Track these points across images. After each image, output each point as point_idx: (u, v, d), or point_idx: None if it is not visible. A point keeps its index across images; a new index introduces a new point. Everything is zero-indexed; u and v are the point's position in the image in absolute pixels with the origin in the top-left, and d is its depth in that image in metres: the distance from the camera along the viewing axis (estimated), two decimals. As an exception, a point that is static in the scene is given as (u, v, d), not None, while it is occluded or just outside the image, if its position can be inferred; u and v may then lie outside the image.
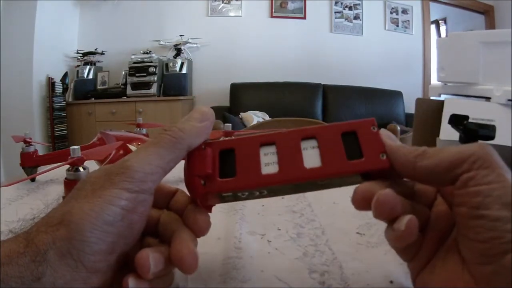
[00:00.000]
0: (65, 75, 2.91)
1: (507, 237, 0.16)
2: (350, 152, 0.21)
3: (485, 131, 0.35)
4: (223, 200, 0.23)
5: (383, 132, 0.21)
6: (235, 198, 0.23)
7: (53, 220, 0.18)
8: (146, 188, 0.20)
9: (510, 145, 0.40)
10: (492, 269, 0.16)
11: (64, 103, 2.86)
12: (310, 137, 0.21)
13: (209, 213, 0.23)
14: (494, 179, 0.17)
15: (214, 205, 0.24)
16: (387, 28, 3.37)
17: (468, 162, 0.18)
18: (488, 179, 0.17)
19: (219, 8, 3.24)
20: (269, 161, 0.21)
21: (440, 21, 4.15)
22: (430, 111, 0.51)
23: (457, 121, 0.37)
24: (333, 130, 0.21)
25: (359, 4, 3.34)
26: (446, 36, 0.57)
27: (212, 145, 0.22)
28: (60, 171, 0.38)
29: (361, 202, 0.20)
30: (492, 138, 0.35)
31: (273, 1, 3.27)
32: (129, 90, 2.94)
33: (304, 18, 3.30)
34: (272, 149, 0.21)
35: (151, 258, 0.19)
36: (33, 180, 0.50)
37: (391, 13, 3.37)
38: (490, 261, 0.17)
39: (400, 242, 0.19)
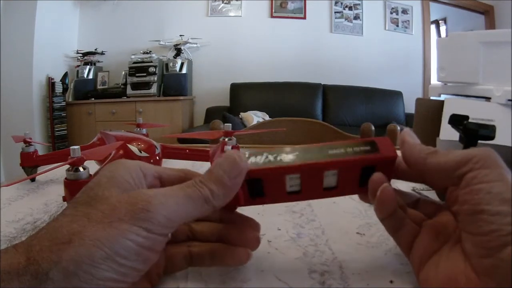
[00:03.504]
0: (65, 75, 2.91)
1: (505, 230, 0.17)
2: (364, 181, 0.23)
3: (485, 131, 0.35)
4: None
5: (405, 131, 0.24)
6: None
7: (59, 237, 0.17)
8: (165, 233, 0.20)
9: (510, 145, 0.40)
10: (492, 262, 0.17)
11: (64, 103, 2.86)
12: (333, 169, 0.23)
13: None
14: (494, 178, 0.19)
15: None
16: (387, 28, 3.37)
17: (472, 162, 0.20)
18: (489, 178, 0.19)
19: (219, 8, 3.25)
20: (293, 184, 0.24)
21: (440, 21, 4.15)
22: (430, 111, 0.51)
23: (457, 121, 0.37)
24: (355, 164, 0.23)
25: (359, 4, 3.34)
26: (446, 36, 0.57)
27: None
28: (60, 171, 0.38)
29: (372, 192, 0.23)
30: (492, 138, 0.35)
31: (273, 1, 3.27)
32: (129, 90, 2.95)
33: (304, 18, 3.30)
34: (296, 176, 0.23)
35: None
36: (33, 180, 0.50)
37: (391, 13, 3.37)
38: (490, 254, 0.18)
39: (379, 206, 0.23)
